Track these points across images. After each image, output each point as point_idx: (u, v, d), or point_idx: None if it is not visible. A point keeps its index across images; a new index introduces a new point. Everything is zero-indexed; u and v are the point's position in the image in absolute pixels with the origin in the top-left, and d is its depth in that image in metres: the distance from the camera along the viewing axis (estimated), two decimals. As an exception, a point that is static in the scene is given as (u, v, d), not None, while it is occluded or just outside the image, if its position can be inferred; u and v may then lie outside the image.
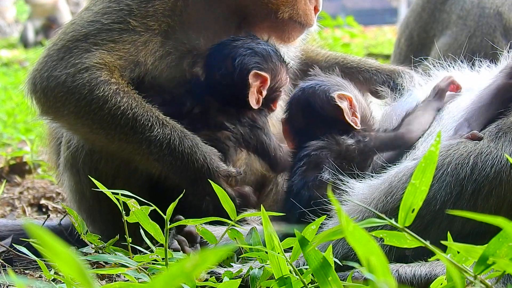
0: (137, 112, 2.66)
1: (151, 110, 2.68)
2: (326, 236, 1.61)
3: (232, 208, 2.19)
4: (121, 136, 2.68)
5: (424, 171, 1.54)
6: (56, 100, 2.71)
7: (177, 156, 2.66)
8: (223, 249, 1.05)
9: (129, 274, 1.96)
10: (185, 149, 2.66)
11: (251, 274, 1.97)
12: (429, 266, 2.11)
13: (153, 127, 2.66)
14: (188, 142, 2.68)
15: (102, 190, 2.18)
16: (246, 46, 2.86)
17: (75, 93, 2.68)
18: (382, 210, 2.22)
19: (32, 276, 2.46)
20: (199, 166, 2.67)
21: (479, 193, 2.20)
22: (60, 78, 2.70)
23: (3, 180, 4.28)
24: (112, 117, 2.66)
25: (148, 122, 2.66)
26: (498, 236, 1.49)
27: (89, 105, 2.67)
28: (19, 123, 6.53)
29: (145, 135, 2.66)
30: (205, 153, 2.69)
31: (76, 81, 2.68)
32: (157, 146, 2.66)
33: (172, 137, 2.66)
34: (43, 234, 1.04)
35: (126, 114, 2.66)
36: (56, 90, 2.70)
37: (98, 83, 2.67)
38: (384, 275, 1.37)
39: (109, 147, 2.75)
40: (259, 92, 2.84)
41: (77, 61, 2.70)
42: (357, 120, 2.71)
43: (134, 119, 2.65)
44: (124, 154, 2.74)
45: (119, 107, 2.66)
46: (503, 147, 2.25)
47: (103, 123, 2.68)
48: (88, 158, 2.84)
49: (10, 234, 3.00)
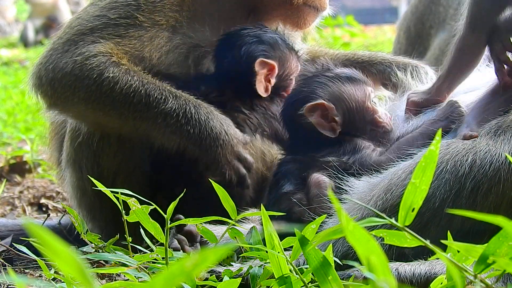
0: (149, 88, 2.66)
1: (163, 85, 2.69)
2: (326, 235, 1.61)
3: (232, 207, 2.19)
4: (136, 114, 2.67)
5: (424, 170, 1.54)
6: (64, 90, 2.70)
7: (194, 125, 2.66)
8: (223, 248, 1.05)
9: (129, 273, 1.96)
10: (201, 116, 2.67)
11: (251, 273, 1.98)
12: (429, 265, 2.11)
13: (167, 100, 2.65)
14: (204, 110, 2.69)
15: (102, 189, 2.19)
16: (252, 34, 2.87)
17: (84, 79, 2.67)
18: (381, 208, 2.22)
19: (32, 276, 2.46)
20: (217, 132, 2.67)
21: (478, 191, 2.20)
22: (67, 67, 2.69)
23: (3, 179, 4.28)
24: (125, 96, 2.65)
25: (161, 96, 2.66)
26: (498, 235, 1.49)
27: (100, 88, 2.66)
28: (19, 122, 6.53)
29: (160, 108, 2.65)
30: (221, 120, 2.70)
31: (84, 68, 2.67)
32: (173, 117, 2.65)
33: (188, 106, 2.67)
34: (43, 233, 1.04)
35: (139, 91, 2.65)
36: (64, 80, 2.69)
37: (107, 66, 2.67)
38: (384, 274, 1.37)
39: (123, 128, 2.74)
40: (267, 80, 2.84)
41: (83, 50, 2.70)
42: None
43: (147, 95, 2.65)
44: (140, 133, 2.73)
45: (131, 85, 2.65)
46: (502, 145, 2.25)
47: (115, 104, 2.67)
48: (91, 154, 2.83)
49: (10, 234, 3.00)
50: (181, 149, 2.70)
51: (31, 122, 6.33)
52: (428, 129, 2.49)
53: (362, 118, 2.62)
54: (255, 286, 1.95)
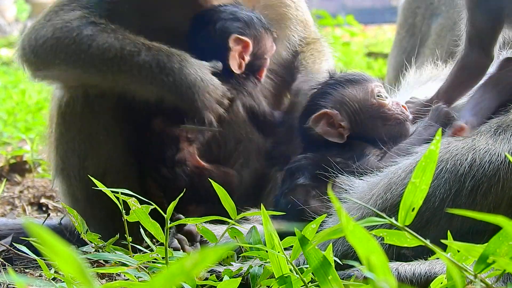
0: (124, 43, 2.74)
1: (137, 39, 2.77)
2: (326, 235, 1.61)
3: (232, 207, 2.19)
4: (113, 69, 2.75)
5: (424, 170, 1.54)
6: (46, 54, 2.81)
7: (168, 73, 2.72)
8: (223, 248, 1.05)
9: (129, 272, 1.96)
10: (174, 64, 2.73)
11: (251, 273, 1.98)
12: (429, 265, 2.10)
13: (140, 52, 2.73)
14: (177, 58, 2.75)
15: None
16: (229, 11, 2.91)
17: (64, 40, 2.78)
18: (381, 207, 2.22)
19: (32, 275, 2.46)
20: (192, 79, 2.73)
21: (478, 190, 2.20)
22: (48, 33, 2.81)
23: (3, 179, 4.28)
24: (102, 52, 2.74)
25: (135, 49, 2.74)
26: (498, 235, 1.49)
27: (79, 46, 2.76)
28: (19, 122, 6.52)
29: (134, 60, 2.73)
30: (196, 67, 2.75)
31: (64, 29, 2.79)
32: (147, 68, 2.73)
33: (160, 56, 2.73)
34: (43, 233, 1.04)
35: (114, 46, 2.74)
36: (45, 44, 2.80)
37: (86, 25, 2.78)
38: (384, 273, 1.37)
39: (104, 84, 2.81)
40: (241, 57, 2.87)
41: (64, 17, 2.83)
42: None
43: (122, 49, 2.73)
44: (119, 88, 2.80)
45: (107, 41, 2.74)
46: (501, 144, 2.25)
47: (94, 60, 2.76)
48: (75, 159, 2.90)
49: (10, 233, 3.00)
50: (160, 99, 2.76)
51: (31, 122, 6.32)
52: (422, 135, 2.51)
53: (369, 116, 2.62)
54: (255, 285, 1.95)
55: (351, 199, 2.24)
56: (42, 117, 6.03)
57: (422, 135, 2.51)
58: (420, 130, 2.55)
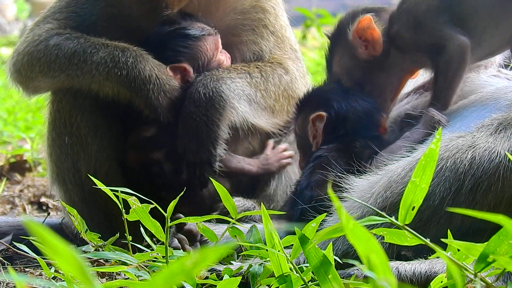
0: (85, 46, 2.85)
1: (97, 40, 2.86)
2: (326, 234, 1.61)
3: (233, 206, 2.19)
4: (78, 72, 2.85)
5: (424, 169, 1.54)
6: (26, 70, 2.95)
7: (122, 67, 2.79)
8: (223, 247, 1.05)
9: (130, 272, 1.96)
10: (128, 59, 2.80)
11: (251, 272, 1.97)
12: (429, 264, 2.10)
13: (98, 50, 2.83)
14: (132, 53, 2.82)
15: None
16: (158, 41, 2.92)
17: (36, 53, 2.91)
18: (381, 206, 2.22)
19: (32, 274, 2.46)
20: (147, 75, 2.78)
21: (477, 189, 2.19)
22: (25, 49, 2.95)
23: (4, 178, 4.28)
24: (68, 59, 2.85)
25: (93, 49, 2.83)
26: (498, 233, 1.49)
27: (48, 57, 2.88)
28: (19, 121, 6.52)
29: (93, 59, 2.82)
30: (152, 64, 2.81)
31: (34, 44, 2.93)
32: (103, 64, 2.81)
33: (115, 51, 2.82)
34: (43, 232, 1.04)
35: (77, 51, 2.85)
36: (23, 60, 2.95)
37: (52, 36, 2.91)
38: (384, 272, 1.37)
39: (74, 86, 2.90)
40: (185, 81, 2.89)
41: (35, 32, 2.97)
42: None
43: (84, 52, 2.84)
44: (86, 88, 2.88)
45: (71, 48, 2.85)
46: (501, 142, 2.24)
47: (62, 67, 2.87)
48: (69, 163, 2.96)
49: (11, 231, 3.00)
50: (116, 95, 2.83)
51: (31, 121, 6.32)
52: (409, 138, 2.54)
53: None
54: (255, 284, 1.95)
55: (351, 198, 2.24)
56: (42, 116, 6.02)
57: (409, 138, 2.54)
58: (408, 133, 2.58)
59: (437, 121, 2.52)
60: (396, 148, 2.52)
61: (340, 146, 2.62)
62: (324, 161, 2.57)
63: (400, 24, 2.73)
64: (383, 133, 2.71)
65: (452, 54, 2.60)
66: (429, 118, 2.55)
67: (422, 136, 2.51)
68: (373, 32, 2.73)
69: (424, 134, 2.52)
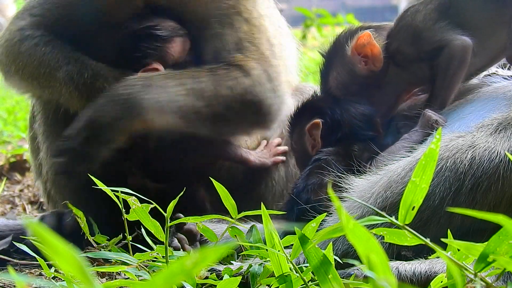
0: (50, 56, 2.83)
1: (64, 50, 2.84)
2: (326, 234, 1.61)
3: (233, 205, 2.19)
4: (46, 83, 2.85)
5: (424, 169, 1.54)
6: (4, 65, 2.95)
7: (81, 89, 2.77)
8: (223, 247, 1.05)
9: (130, 271, 1.96)
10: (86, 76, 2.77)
11: (251, 271, 1.97)
12: (429, 264, 2.10)
13: (61, 67, 2.81)
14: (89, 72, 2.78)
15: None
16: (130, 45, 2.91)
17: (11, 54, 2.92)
18: (381, 206, 2.22)
19: (32, 274, 2.46)
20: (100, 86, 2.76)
21: (477, 189, 2.19)
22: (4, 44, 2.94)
23: (3, 178, 4.28)
24: (37, 68, 2.84)
25: (56, 63, 2.82)
26: (498, 233, 1.49)
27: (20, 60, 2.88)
28: (19, 120, 6.53)
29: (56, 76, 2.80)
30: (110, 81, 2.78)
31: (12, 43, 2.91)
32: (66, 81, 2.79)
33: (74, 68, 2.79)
34: (43, 231, 1.04)
35: (43, 62, 2.83)
36: (2, 55, 2.95)
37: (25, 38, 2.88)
38: (384, 272, 1.37)
39: (44, 96, 2.94)
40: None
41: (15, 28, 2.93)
42: None
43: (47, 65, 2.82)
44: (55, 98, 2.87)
45: (37, 57, 2.84)
46: (501, 142, 2.24)
47: (33, 73, 2.86)
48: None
49: (10, 235, 3.00)
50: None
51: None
52: (408, 140, 2.54)
53: None
54: (255, 284, 1.95)
55: (351, 198, 2.24)
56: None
57: (407, 140, 2.54)
58: (406, 136, 2.58)
59: (435, 121, 2.52)
60: (396, 149, 2.52)
61: (339, 150, 2.62)
62: (322, 163, 2.58)
63: (400, 41, 2.73)
64: (379, 134, 2.71)
65: (453, 52, 2.60)
66: (426, 119, 2.55)
67: (421, 137, 2.51)
68: (373, 48, 2.73)
69: (423, 135, 2.52)
